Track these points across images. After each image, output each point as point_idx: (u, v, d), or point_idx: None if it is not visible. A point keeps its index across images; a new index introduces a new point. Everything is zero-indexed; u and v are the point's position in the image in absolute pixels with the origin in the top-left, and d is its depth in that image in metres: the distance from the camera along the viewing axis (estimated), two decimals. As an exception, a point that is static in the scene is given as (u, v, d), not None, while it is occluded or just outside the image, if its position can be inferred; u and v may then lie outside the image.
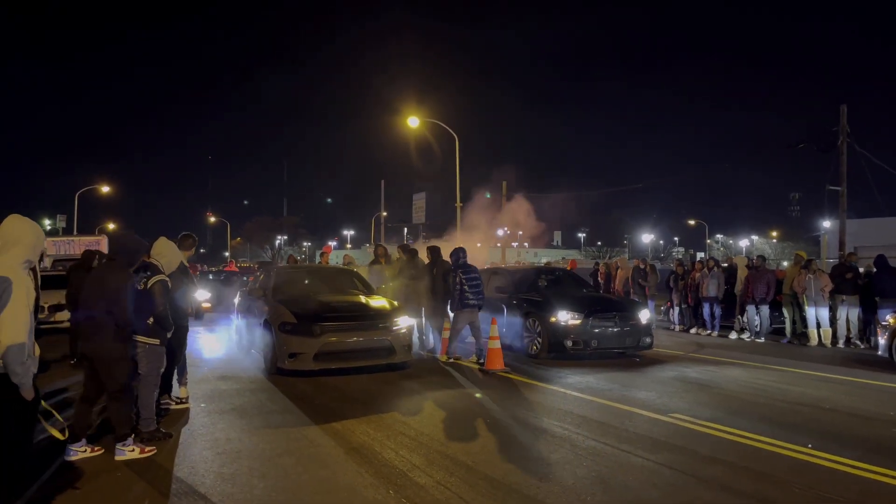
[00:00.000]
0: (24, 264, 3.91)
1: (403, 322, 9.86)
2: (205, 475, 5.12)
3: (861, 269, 14.13)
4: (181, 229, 6.87)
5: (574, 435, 6.32)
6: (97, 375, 5.50)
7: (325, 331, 9.11)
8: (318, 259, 29.81)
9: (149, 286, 5.92)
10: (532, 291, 12.38)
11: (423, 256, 12.24)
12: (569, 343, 10.88)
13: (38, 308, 4.02)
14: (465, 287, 10.41)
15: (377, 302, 10.39)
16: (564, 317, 11.02)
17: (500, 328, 10.93)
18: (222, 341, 14.03)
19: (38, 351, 3.94)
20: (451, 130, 28.70)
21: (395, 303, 10.62)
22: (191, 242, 7.67)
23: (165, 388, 7.23)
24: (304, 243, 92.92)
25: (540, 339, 11.28)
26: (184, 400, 7.59)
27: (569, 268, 19.12)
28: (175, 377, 7.60)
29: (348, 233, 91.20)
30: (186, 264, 7.45)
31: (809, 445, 5.90)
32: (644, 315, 11.67)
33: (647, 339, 11.40)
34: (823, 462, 5.46)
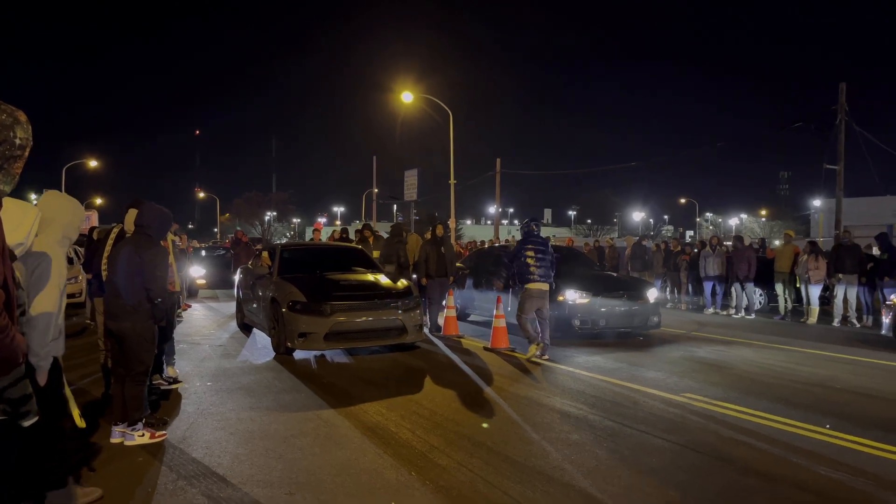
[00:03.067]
0: (62, 241, 3.76)
1: (414, 301, 9.59)
2: (221, 456, 5.01)
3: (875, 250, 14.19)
4: (169, 205, 6.62)
5: (590, 415, 6.26)
6: (125, 355, 5.30)
7: (336, 310, 8.82)
8: (309, 236, 29.63)
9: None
10: None
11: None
12: (576, 322, 10.70)
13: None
14: (531, 263, 9.29)
15: (388, 281, 10.10)
16: (572, 296, 10.83)
17: (506, 307, 10.84)
18: (222, 319, 13.89)
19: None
20: (445, 106, 28.40)
21: (406, 282, 10.32)
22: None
23: (157, 368, 7.05)
24: (294, 220, 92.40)
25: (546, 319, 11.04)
26: (176, 380, 7.42)
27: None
28: (164, 357, 7.40)
29: (339, 209, 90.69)
30: (177, 239, 7.17)
31: (827, 426, 5.87)
32: (652, 294, 11.54)
33: (655, 319, 11.26)
34: (844, 443, 5.42)
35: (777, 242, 37.35)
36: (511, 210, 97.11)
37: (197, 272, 19.14)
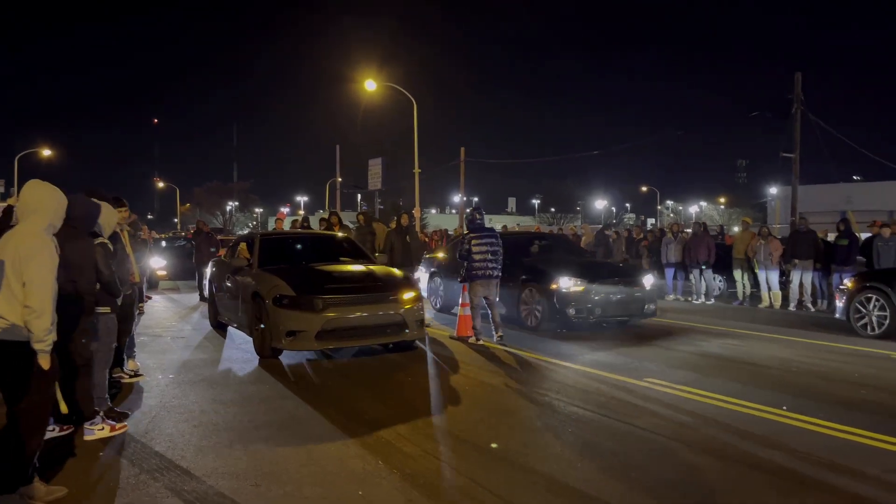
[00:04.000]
0: (47, 229, 3.98)
1: (415, 293, 8.69)
2: (184, 449, 4.95)
3: (829, 236, 14.57)
4: (127, 195, 6.38)
5: (555, 401, 6.33)
6: (62, 351, 5.19)
7: (329, 305, 7.88)
8: (272, 226, 29.30)
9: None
10: (528, 258, 11.66)
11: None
12: (571, 312, 10.17)
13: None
14: (473, 254, 9.42)
15: (384, 271, 9.24)
16: (566, 284, 10.26)
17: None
18: (184, 310, 13.69)
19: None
20: (408, 94, 28.25)
21: (403, 272, 9.57)
22: (122, 205, 7.11)
23: (117, 361, 6.90)
24: (256, 209, 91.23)
25: (539, 309, 10.55)
26: (137, 373, 7.29)
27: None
28: (125, 350, 7.26)
29: (302, 199, 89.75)
30: (141, 231, 7.00)
31: (784, 407, 6.03)
32: (648, 280, 11.18)
33: (651, 307, 10.93)
34: (802, 424, 5.59)
35: (736, 229, 38.12)
36: (476, 199, 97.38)
37: (157, 263, 18.79)
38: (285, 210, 67.37)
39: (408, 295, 8.50)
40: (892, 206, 38.67)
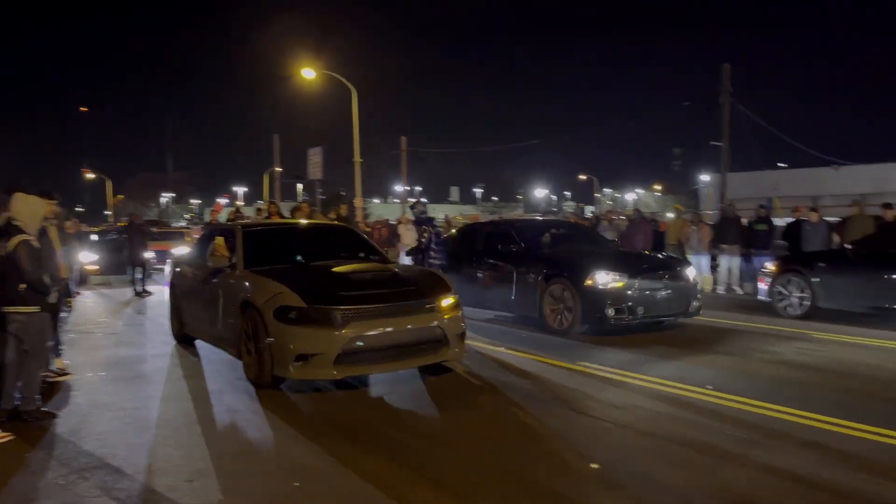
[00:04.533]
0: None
1: (453, 298, 6.90)
2: (116, 447, 4.85)
3: (744, 221, 15.18)
4: (56, 187, 6.12)
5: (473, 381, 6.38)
6: None
7: (352, 318, 6.10)
8: (208, 218, 28.65)
9: (11, 250, 5.38)
10: (548, 249, 10.26)
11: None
12: (610, 312, 8.70)
13: None
14: (433, 245, 9.19)
15: (411, 271, 7.70)
16: (604, 279, 8.81)
17: (508, 296, 9.81)
18: (116, 305, 13.32)
19: None
20: (347, 83, 27.95)
21: (435, 272, 7.93)
22: (52, 198, 6.84)
23: None
24: (193, 200, 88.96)
25: (569, 310, 8.98)
26: (65, 371, 7.08)
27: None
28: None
29: (241, 189, 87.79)
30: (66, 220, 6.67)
31: (708, 387, 6.30)
32: (691, 273, 9.77)
33: (696, 304, 9.47)
34: (724, 402, 5.86)
35: (669, 216, 39.22)
36: (419, 189, 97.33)
37: (87, 258, 18.17)
38: (222, 201, 65.81)
39: (447, 301, 6.77)
40: (816, 192, 40.46)
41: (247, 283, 6.83)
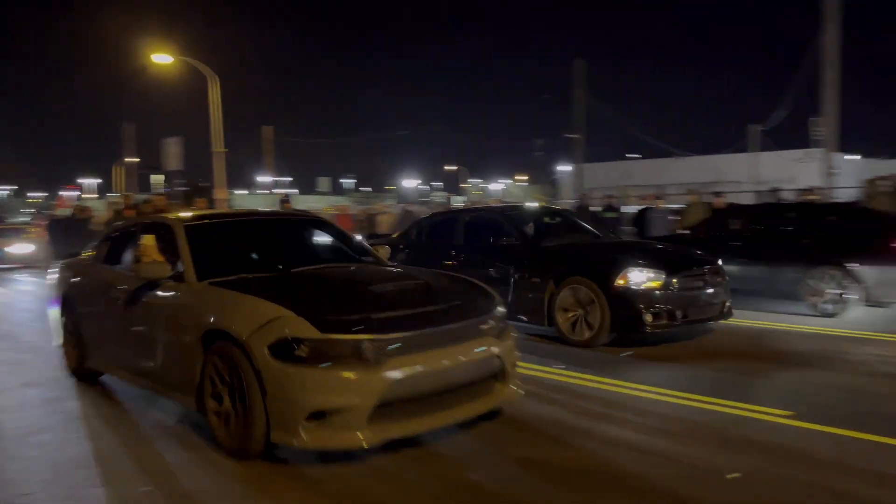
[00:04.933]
0: None
1: (502, 314, 5.09)
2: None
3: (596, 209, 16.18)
4: None
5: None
6: None
7: (395, 351, 4.23)
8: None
9: None
10: (557, 242, 8.61)
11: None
12: (648, 318, 7.22)
13: None
14: None
15: (443, 279, 5.56)
16: (638, 277, 7.31)
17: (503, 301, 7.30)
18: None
19: None
20: (204, 69, 26.63)
21: (466, 277, 5.68)
22: None
23: None
24: (36, 193, 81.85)
25: (595, 316, 7.37)
26: None
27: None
28: None
29: (94, 181, 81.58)
30: None
31: (562, 367, 6.68)
32: (723, 270, 8.24)
33: (729, 304, 8.07)
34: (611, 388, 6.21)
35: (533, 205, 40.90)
36: (290, 179, 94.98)
37: None
38: (68, 194, 60.95)
39: (498, 316, 5.00)
40: (664, 181, 43.65)
41: (212, 303, 4.68)
